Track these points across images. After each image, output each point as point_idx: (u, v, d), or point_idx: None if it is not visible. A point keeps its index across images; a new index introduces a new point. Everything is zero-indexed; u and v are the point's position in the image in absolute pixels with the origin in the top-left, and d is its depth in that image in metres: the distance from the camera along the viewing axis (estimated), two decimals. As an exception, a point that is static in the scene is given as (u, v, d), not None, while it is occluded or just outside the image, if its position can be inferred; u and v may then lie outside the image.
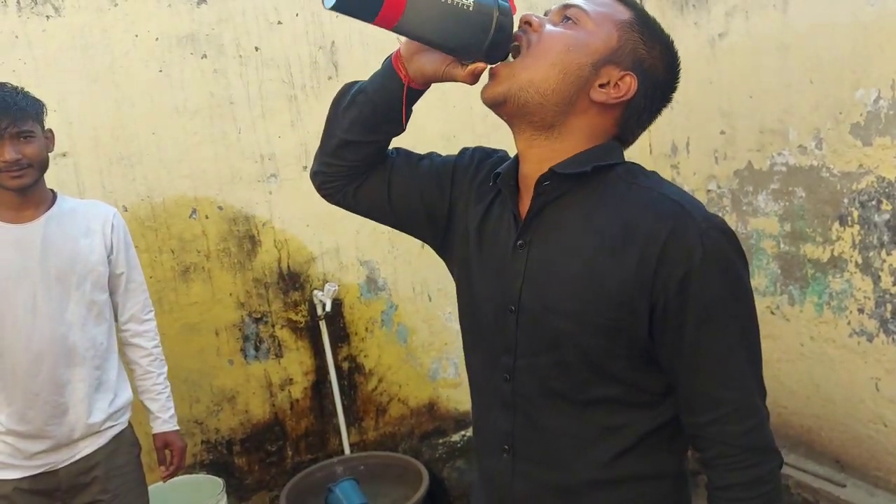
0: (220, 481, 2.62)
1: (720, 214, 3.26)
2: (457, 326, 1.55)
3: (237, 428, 2.91)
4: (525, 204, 1.07)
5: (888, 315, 2.62)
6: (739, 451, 1.01)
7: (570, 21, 1.02)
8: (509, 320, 1.07)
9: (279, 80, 2.81)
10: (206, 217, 2.76)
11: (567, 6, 1.04)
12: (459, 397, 3.29)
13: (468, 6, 0.98)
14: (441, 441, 3.23)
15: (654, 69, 1.06)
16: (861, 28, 2.52)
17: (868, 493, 2.75)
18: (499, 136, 3.18)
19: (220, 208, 2.78)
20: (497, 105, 1.04)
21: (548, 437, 1.07)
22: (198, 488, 2.63)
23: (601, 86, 1.02)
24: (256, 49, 2.76)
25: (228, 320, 2.83)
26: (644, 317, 0.98)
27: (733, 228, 3.25)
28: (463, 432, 3.26)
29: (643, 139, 3.56)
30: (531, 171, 1.06)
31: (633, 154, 1.12)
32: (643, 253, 0.96)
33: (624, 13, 1.06)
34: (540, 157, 1.05)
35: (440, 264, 1.34)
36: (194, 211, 2.73)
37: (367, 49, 2.94)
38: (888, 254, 2.57)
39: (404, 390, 3.19)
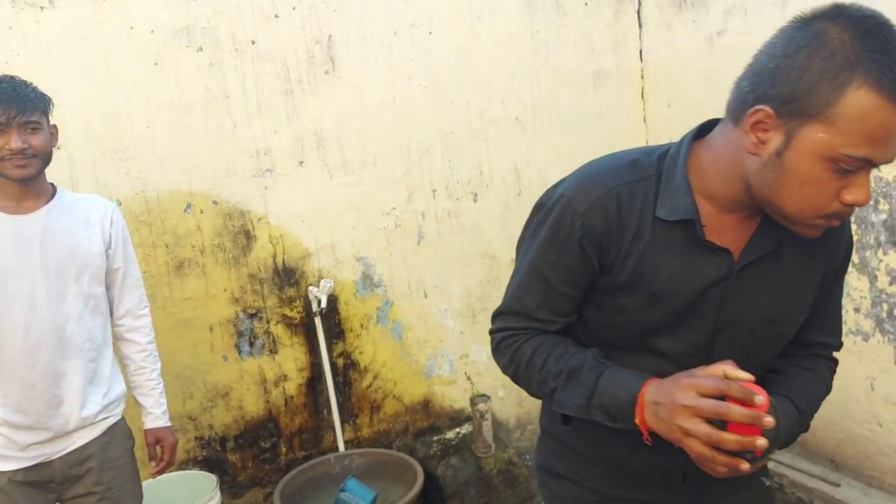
0: (213, 478, 2.60)
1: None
2: (451, 323, 1.55)
3: (231, 424, 2.89)
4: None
5: (884, 315, 2.62)
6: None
7: None
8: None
9: (275, 75, 2.79)
10: (201, 212, 2.73)
11: None
12: (454, 394, 3.28)
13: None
14: (436, 438, 3.21)
15: None
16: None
17: (862, 493, 2.75)
18: (496, 133, 3.17)
19: (215, 203, 2.76)
20: None
21: None
22: (191, 484, 2.62)
23: None
24: (252, 42, 2.74)
25: (223, 316, 2.82)
26: None
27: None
28: (458, 429, 3.25)
29: (639, 136, 3.58)
30: None
31: (631, 152, 1.12)
32: None
33: None
34: None
35: (435, 260, 1.33)
36: (189, 205, 2.71)
37: (365, 44, 2.92)
38: (885, 253, 2.57)
39: (399, 387, 3.17)
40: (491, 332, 1.27)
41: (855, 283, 2.69)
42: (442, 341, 3.22)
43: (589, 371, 1.12)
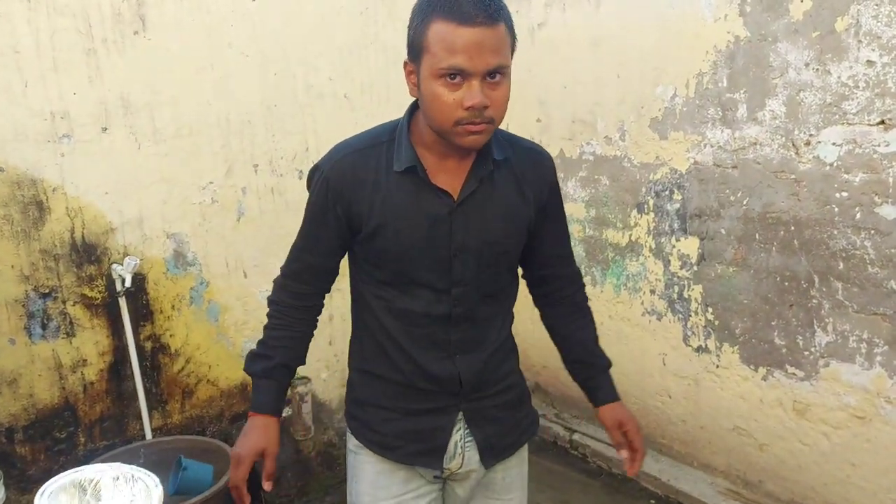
0: (-5, 473, 2.35)
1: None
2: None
3: (19, 414, 2.62)
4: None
5: (675, 297, 2.86)
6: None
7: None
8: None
9: (75, 30, 2.54)
10: (-16, 178, 2.44)
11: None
12: (274, 377, 3.19)
13: None
14: (253, 422, 3.11)
15: None
16: (662, 28, 2.71)
17: (654, 460, 3.02)
18: (322, 109, 3.05)
19: (1, 170, 2.47)
20: None
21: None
22: (-32, 482, 2.35)
23: None
24: (48, -7, 2.47)
25: (9, 295, 2.54)
26: None
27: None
28: (277, 413, 3.17)
29: (466, 122, 3.64)
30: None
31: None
32: None
33: None
34: None
35: (257, 238, 1.35)
36: (-32, 171, 2.41)
37: (180, 5, 2.73)
38: (677, 240, 2.81)
39: (214, 371, 3.04)
40: (268, 300, 1.59)
41: (651, 267, 2.92)
42: (262, 323, 3.10)
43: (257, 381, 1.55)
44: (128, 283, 2.67)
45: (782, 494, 2.65)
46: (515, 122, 3.42)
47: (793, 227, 2.45)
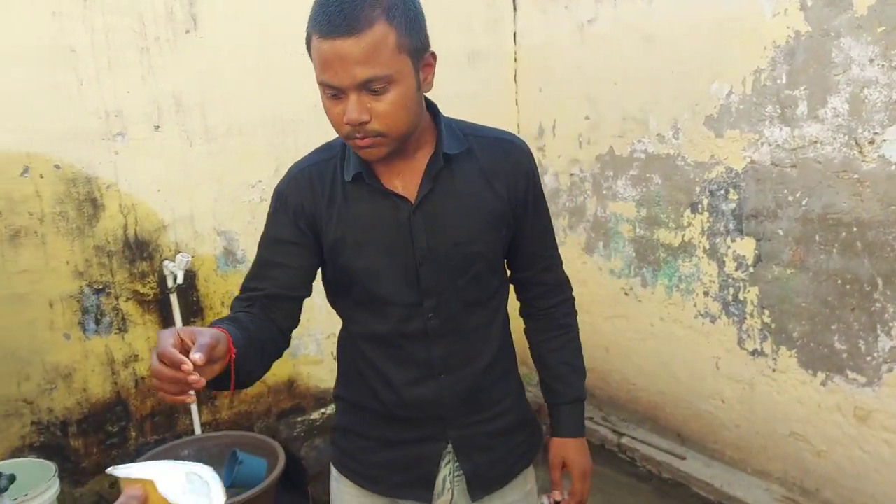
0: (52, 465, 2.39)
1: (581, 197, 3.36)
2: (319, 302, 1.48)
3: (73, 408, 2.67)
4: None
5: (730, 298, 2.79)
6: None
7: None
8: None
9: (129, 29, 2.57)
10: (41, 176, 2.48)
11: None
12: (321, 374, 3.20)
13: None
14: (300, 419, 3.13)
15: None
16: (718, 24, 2.65)
17: (705, 465, 2.95)
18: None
19: (58, 167, 2.51)
20: None
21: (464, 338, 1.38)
22: (26, 472, 2.39)
23: None
24: (104, -7, 2.50)
25: (65, 290, 2.58)
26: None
27: (593, 212, 3.35)
28: (323, 410, 3.18)
29: (511, 119, 3.61)
30: None
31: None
32: None
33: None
34: None
35: None
36: (26, 169, 2.45)
37: (231, 4, 2.75)
38: (733, 241, 2.74)
39: (262, 367, 3.05)
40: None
41: (705, 268, 2.86)
42: (309, 320, 3.09)
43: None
44: (179, 280, 2.69)
45: (840, 503, 2.57)
46: (563, 120, 3.37)
47: (855, 229, 2.36)
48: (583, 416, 1.53)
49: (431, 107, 1.33)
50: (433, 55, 1.22)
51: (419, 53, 1.17)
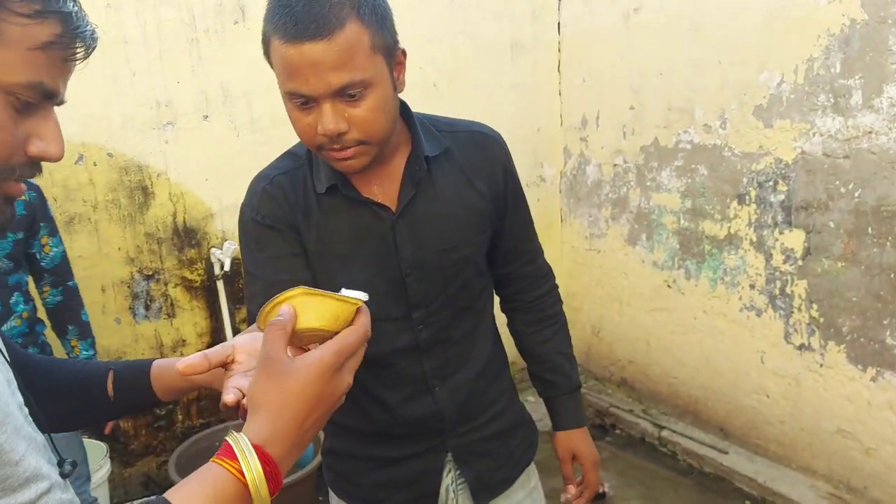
0: (103, 446, 2.47)
1: (624, 189, 3.33)
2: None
3: (123, 391, 2.74)
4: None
5: (777, 292, 2.74)
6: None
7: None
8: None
9: (179, 21, 2.62)
10: (95, 164, 2.55)
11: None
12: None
13: None
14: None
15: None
16: (769, 12, 2.59)
17: (748, 460, 2.91)
18: (411, 98, 3.10)
19: (110, 156, 2.58)
20: None
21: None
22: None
23: None
24: (155, -15, 2.55)
25: (116, 276, 2.65)
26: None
27: (636, 203, 3.31)
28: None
29: (554, 110, 3.59)
30: None
31: (543, 124, 1.12)
32: None
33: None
34: None
35: None
36: (81, 157, 2.52)
37: (277, -5, 2.78)
38: (781, 233, 2.69)
39: (304, 354, 3.10)
40: None
41: (751, 261, 2.81)
42: (350, 309, 3.15)
43: None
44: (226, 267, 2.74)
45: (890, 502, 2.51)
46: (607, 110, 3.34)
47: (910, 221, 2.30)
48: (581, 404, 1.50)
49: (401, 106, 1.23)
50: (404, 52, 1.15)
51: (391, 52, 1.09)
